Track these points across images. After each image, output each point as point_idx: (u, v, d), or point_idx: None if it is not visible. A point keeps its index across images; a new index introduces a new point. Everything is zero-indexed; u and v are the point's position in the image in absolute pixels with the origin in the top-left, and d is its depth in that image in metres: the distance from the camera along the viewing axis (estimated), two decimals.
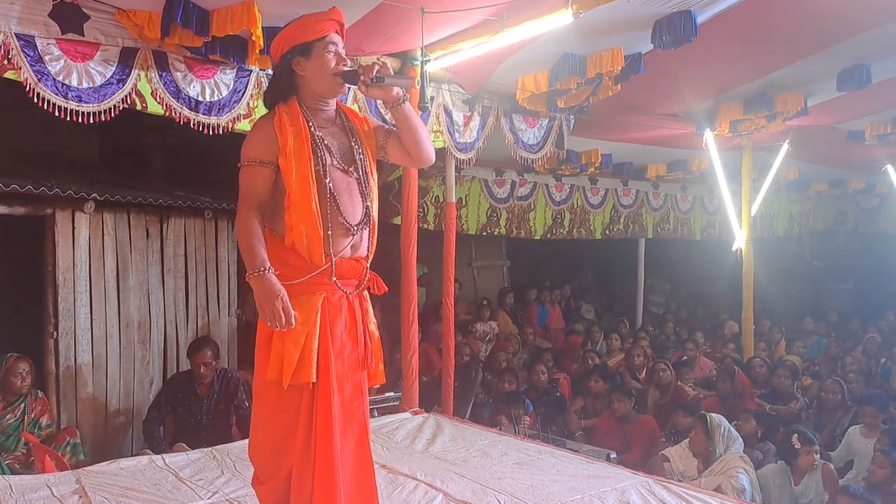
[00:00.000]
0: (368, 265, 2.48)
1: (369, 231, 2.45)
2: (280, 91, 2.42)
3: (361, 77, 2.33)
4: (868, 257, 12.05)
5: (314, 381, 2.26)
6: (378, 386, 2.59)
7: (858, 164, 8.69)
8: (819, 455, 4.34)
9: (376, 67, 2.31)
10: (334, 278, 2.33)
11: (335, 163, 2.37)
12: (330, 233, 2.31)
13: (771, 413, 5.69)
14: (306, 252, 2.30)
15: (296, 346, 2.25)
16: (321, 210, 2.30)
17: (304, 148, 2.31)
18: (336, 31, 2.39)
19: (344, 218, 2.35)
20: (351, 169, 2.40)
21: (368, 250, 2.47)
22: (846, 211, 12.02)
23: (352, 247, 2.39)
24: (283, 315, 2.20)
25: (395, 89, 2.36)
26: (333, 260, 2.32)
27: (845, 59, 4.95)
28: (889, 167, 8.38)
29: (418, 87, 4.15)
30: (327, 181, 2.32)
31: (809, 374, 7.03)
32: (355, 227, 2.38)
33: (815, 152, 7.75)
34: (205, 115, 3.80)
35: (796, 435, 4.38)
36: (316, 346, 2.27)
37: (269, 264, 2.25)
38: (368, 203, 2.43)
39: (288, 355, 2.24)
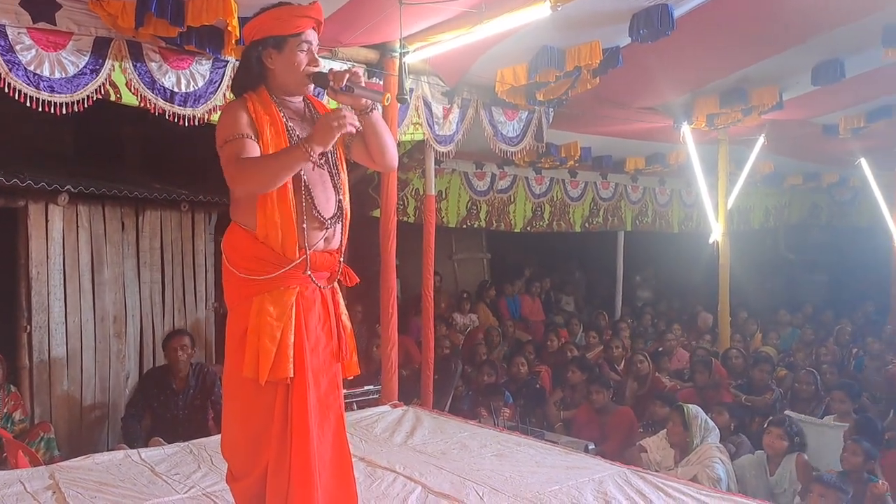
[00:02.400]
0: (341, 258, 2.46)
1: (342, 224, 2.42)
2: (249, 80, 2.36)
3: (331, 83, 2.29)
4: (842, 250, 12.22)
5: (291, 376, 2.24)
6: (353, 377, 2.57)
7: (833, 158, 8.81)
8: (791, 443, 4.39)
9: (347, 75, 2.27)
10: (308, 272, 2.31)
11: None
12: (304, 226, 2.28)
13: (747, 404, 5.76)
14: (279, 246, 2.26)
15: (272, 341, 2.22)
16: (296, 203, 2.27)
17: (280, 136, 2.27)
18: (313, 28, 2.34)
19: (318, 211, 2.32)
20: (322, 161, 2.36)
21: (341, 243, 2.44)
22: (820, 204, 12.19)
23: (325, 240, 2.36)
24: (340, 116, 2.13)
25: (364, 99, 2.32)
26: (308, 253, 2.30)
27: (819, 54, 5.02)
28: (863, 161, 8.50)
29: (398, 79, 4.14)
30: (301, 172, 2.28)
31: (784, 365, 7.12)
32: (329, 221, 2.36)
33: (790, 146, 7.85)
34: (180, 106, 3.77)
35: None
36: (292, 340, 2.25)
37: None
38: (341, 196, 2.40)
39: (264, 351, 2.21)
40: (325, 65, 3.95)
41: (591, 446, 4.68)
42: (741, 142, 7.19)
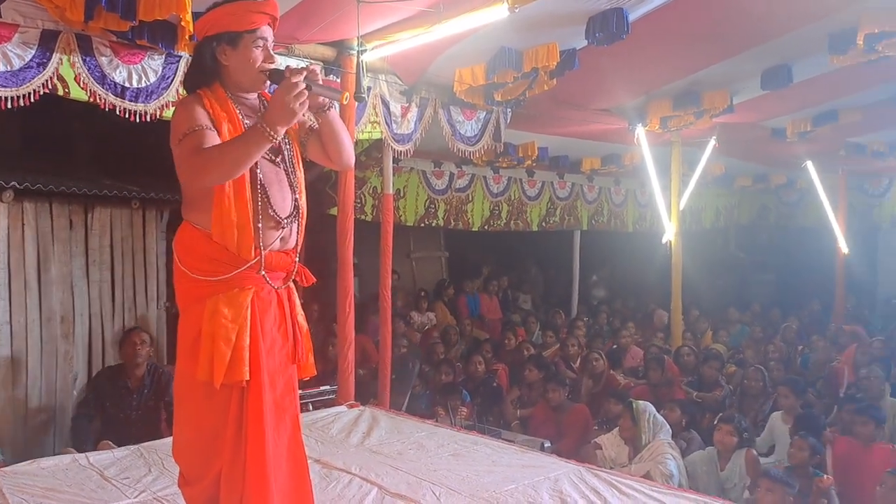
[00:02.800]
0: (297, 257, 2.43)
1: (298, 223, 2.38)
2: (202, 76, 2.30)
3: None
4: (789, 250, 12.58)
5: (247, 379, 2.20)
6: (309, 378, 2.55)
7: (780, 161, 9.06)
8: (741, 438, 4.50)
9: (304, 73, 2.19)
10: (263, 272, 2.27)
11: (266, 153, 2.28)
12: (260, 225, 2.24)
13: (698, 400, 5.89)
14: (235, 246, 2.21)
15: (227, 344, 2.17)
16: (252, 202, 2.23)
17: (238, 134, 2.21)
18: (268, 25, 2.30)
19: (274, 210, 2.28)
20: (278, 159, 2.33)
21: (297, 243, 2.41)
22: (769, 205, 12.52)
23: (281, 239, 2.32)
24: (301, 94, 2.03)
25: (322, 98, 2.28)
26: (263, 253, 2.26)
27: (769, 60, 5.15)
28: (809, 163, 8.75)
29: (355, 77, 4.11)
30: (258, 171, 2.24)
31: (734, 362, 7.29)
32: (285, 220, 2.31)
33: (740, 148, 8.04)
34: (131, 101, 3.68)
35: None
36: (247, 343, 2.20)
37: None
38: (297, 195, 2.36)
39: (219, 354, 2.15)
40: (282, 61, 3.92)
41: (547, 444, 4.74)
42: (693, 144, 7.34)
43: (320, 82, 2.28)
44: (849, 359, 6.87)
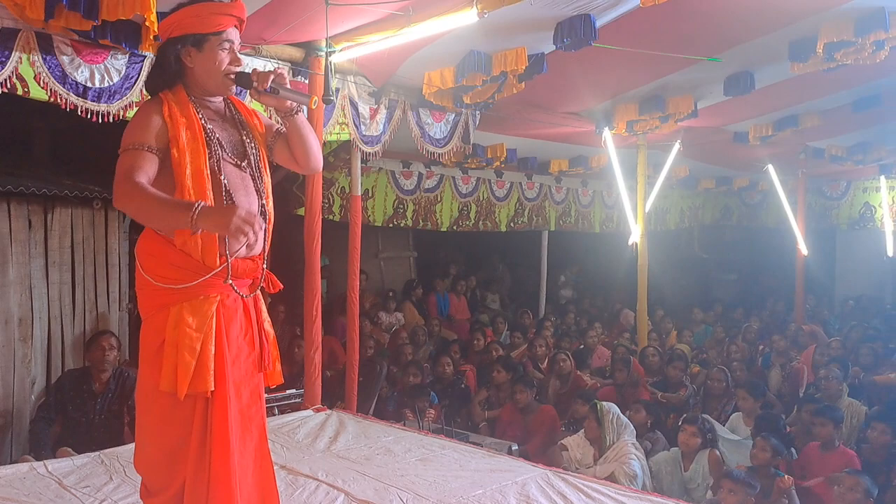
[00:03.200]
0: (264, 263, 2.39)
1: (265, 229, 2.33)
2: (166, 78, 2.26)
3: (255, 84, 2.21)
4: (751, 250, 12.81)
5: (212, 389, 2.16)
6: (275, 386, 2.52)
7: (743, 164, 9.22)
8: (704, 439, 4.57)
9: (272, 76, 2.20)
10: (230, 280, 2.23)
11: (227, 157, 2.25)
12: None
13: (662, 401, 5.96)
14: (199, 253, 2.17)
15: (191, 353, 2.13)
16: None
17: (197, 140, 2.18)
18: (235, 27, 2.27)
19: None
20: (244, 164, 2.29)
21: (263, 249, 2.37)
22: (732, 206, 12.73)
23: (247, 246, 2.28)
24: (249, 222, 1.91)
25: (289, 101, 2.26)
26: (229, 261, 2.22)
27: (732, 66, 5.24)
28: (770, 166, 8.91)
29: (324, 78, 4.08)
30: (222, 177, 2.21)
31: (697, 361, 7.39)
32: None
33: (704, 151, 8.16)
34: (94, 101, 3.60)
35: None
36: (213, 353, 2.17)
37: (195, 199, 2.07)
38: (264, 201, 2.32)
39: (183, 364, 2.12)
40: (249, 63, 3.87)
41: (515, 447, 4.75)
42: (659, 147, 7.44)
43: (288, 85, 2.25)
44: (808, 359, 7.02)
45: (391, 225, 8.35)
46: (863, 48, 4.44)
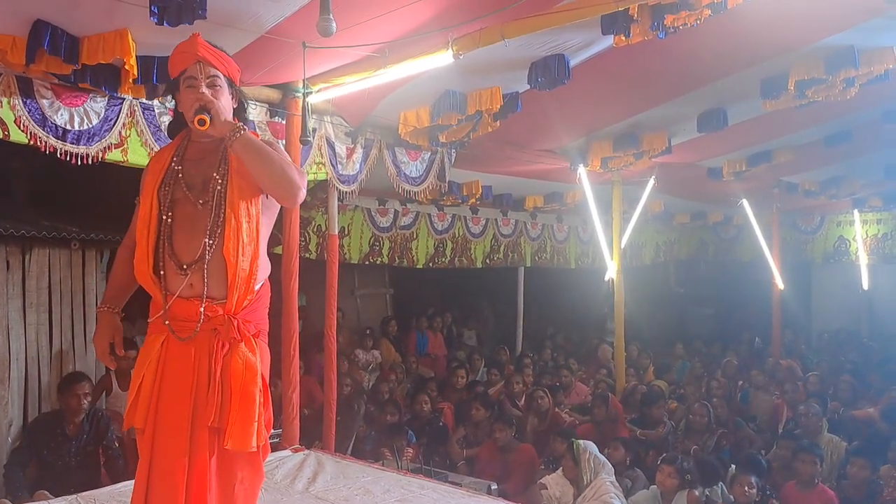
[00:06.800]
0: (202, 307, 2.22)
1: (208, 270, 2.21)
2: (176, 123, 2.42)
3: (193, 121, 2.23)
4: (727, 284, 12.92)
5: (141, 427, 2.22)
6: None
7: (717, 198, 9.36)
8: (682, 480, 4.54)
9: (197, 105, 2.21)
10: (167, 321, 2.23)
11: (189, 195, 2.25)
12: (163, 273, 2.23)
13: (641, 438, 5.94)
14: (148, 290, 2.29)
15: (133, 389, 2.24)
16: (153, 249, 2.24)
17: (152, 185, 2.28)
18: (197, 62, 2.26)
19: (175, 255, 2.23)
20: (201, 202, 2.25)
21: (204, 292, 2.22)
22: (707, 241, 12.88)
23: (189, 286, 2.22)
24: (99, 357, 2.31)
25: (219, 128, 2.21)
26: (169, 301, 2.23)
27: (705, 103, 5.36)
28: (744, 201, 9.05)
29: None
30: (163, 216, 2.24)
31: (674, 397, 7.39)
32: (187, 266, 2.21)
33: (678, 187, 8.29)
34: (73, 144, 3.60)
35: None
36: (149, 390, 2.22)
37: (107, 300, 2.40)
38: (213, 240, 2.22)
39: (128, 398, 2.26)
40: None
41: (494, 487, 4.71)
42: (633, 183, 7.55)
43: (217, 113, 2.21)
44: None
45: (367, 262, 8.34)
46: (833, 85, 4.56)
